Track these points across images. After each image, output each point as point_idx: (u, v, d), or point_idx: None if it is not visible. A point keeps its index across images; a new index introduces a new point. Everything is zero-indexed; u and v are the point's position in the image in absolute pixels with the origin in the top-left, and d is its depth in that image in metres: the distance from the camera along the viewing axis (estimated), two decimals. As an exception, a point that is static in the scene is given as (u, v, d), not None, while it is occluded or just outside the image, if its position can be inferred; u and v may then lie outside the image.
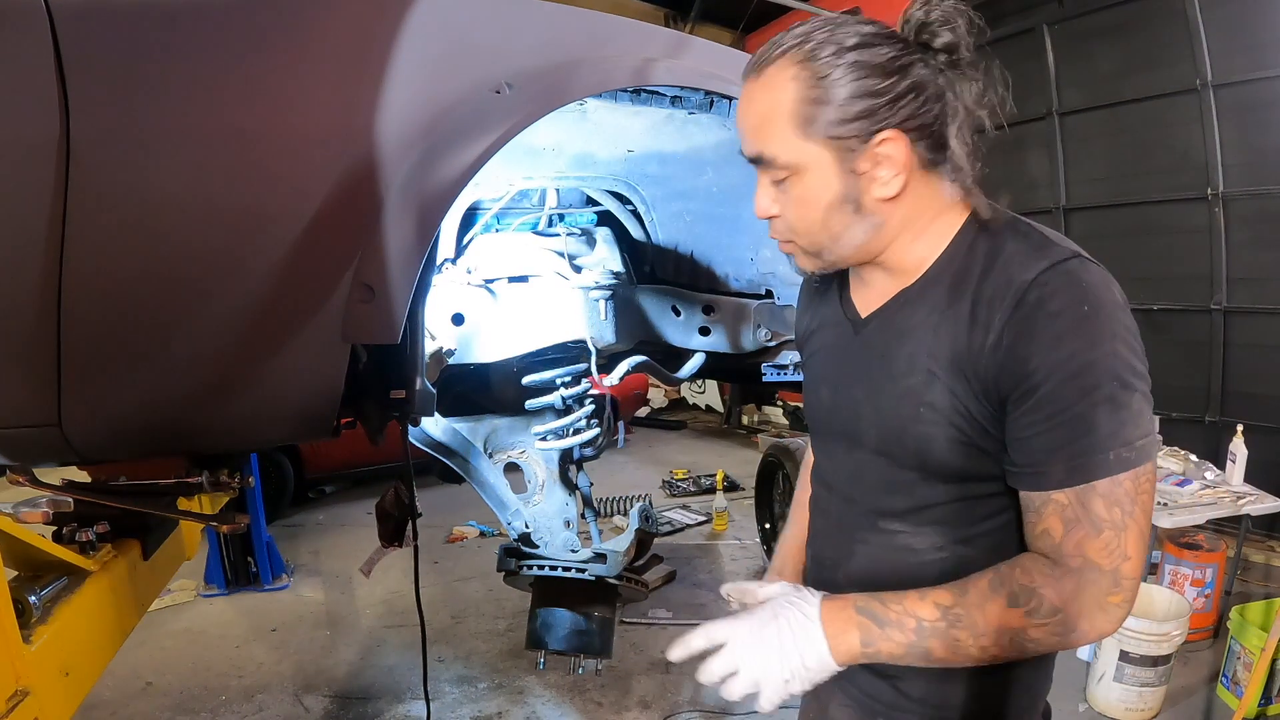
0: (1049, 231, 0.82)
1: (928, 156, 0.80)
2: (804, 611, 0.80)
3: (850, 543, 0.93)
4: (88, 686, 1.01)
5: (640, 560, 1.71)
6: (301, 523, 5.06)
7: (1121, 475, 0.73)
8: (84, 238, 0.86)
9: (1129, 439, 0.73)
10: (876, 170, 0.79)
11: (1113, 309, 0.75)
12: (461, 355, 1.55)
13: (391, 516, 1.40)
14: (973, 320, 0.78)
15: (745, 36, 6.86)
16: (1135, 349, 0.75)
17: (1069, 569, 0.75)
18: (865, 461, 0.90)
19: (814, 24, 0.80)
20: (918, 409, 0.82)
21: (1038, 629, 0.76)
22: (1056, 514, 0.76)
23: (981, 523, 0.85)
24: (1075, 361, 0.73)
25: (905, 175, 0.80)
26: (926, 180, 0.82)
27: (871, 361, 0.88)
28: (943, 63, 0.79)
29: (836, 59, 0.77)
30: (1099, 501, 0.74)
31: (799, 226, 0.85)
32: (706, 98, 1.31)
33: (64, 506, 1.12)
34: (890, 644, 0.78)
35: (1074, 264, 0.76)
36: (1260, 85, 3.82)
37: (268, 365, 1.02)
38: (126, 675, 3.08)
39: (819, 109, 0.77)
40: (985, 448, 0.80)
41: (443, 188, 1.01)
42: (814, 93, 0.77)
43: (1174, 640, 2.61)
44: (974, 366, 0.78)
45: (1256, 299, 3.99)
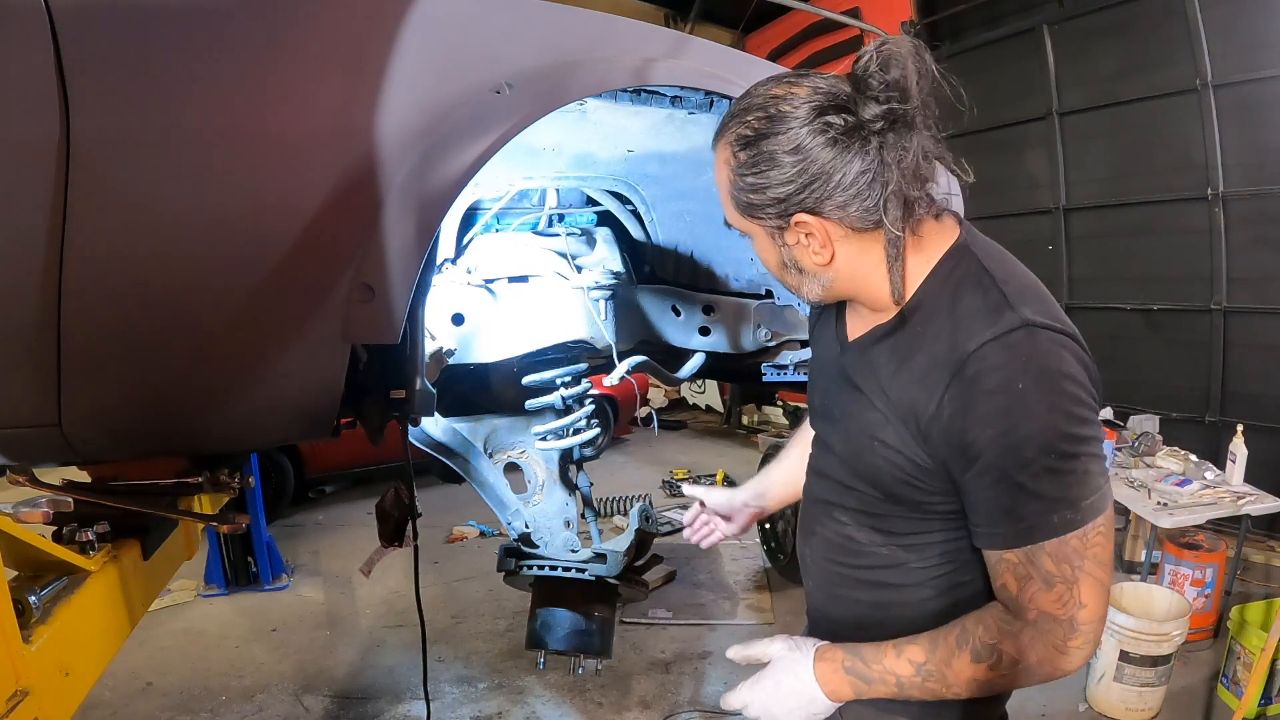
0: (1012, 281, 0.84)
1: (858, 222, 0.83)
2: (802, 679, 0.92)
3: (813, 525, 1.05)
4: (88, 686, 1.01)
5: (640, 560, 1.71)
6: (301, 523, 5.06)
7: (1068, 535, 0.78)
8: (84, 238, 0.86)
9: (1072, 501, 0.77)
10: (804, 243, 0.86)
11: (1054, 379, 0.77)
12: (461, 355, 1.55)
13: (391, 516, 1.40)
14: (922, 380, 0.83)
15: (745, 36, 6.86)
16: (1077, 414, 0.77)
17: (1026, 622, 0.81)
18: (833, 464, 0.99)
19: (758, 97, 0.84)
20: (872, 442, 0.89)
21: (1000, 677, 0.83)
22: (1009, 571, 0.81)
23: (923, 535, 0.91)
24: (1010, 438, 0.76)
25: (830, 243, 0.85)
26: (865, 238, 0.85)
27: (846, 387, 0.95)
28: (874, 127, 0.79)
29: (756, 151, 0.82)
30: (1047, 560, 0.79)
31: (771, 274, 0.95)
32: (706, 98, 1.31)
33: (64, 506, 1.12)
34: (878, 694, 0.89)
35: (1018, 335, 0.78)
36: (1260, 85, 3.82)
37: (268, 365, 1.02)
38: (126, 675, 3.08)
39: (742, 194, 0.85)
40: (930, 487, 0.86)
41: (443, 188, 1.01)
42: (737, 180, 0.85)
43: (1174, 640, 2.61)
44: (919, 424, 0.83)
45: (1256, 299, 3.99)
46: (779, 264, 0.90)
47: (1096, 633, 0.80)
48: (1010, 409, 0.76)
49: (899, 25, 5.56)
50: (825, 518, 1.02)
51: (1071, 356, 0.79)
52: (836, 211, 0.82)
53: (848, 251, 0.86)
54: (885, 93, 0.78)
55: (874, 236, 0.84)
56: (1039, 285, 0.86)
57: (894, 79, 0.78)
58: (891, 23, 5.60)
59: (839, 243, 0.85)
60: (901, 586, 0.95)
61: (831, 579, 1.03)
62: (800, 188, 0.81)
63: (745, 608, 3.67)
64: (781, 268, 0.91)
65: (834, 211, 0.82)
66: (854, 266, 0.87)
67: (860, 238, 0.85)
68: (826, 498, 1.01)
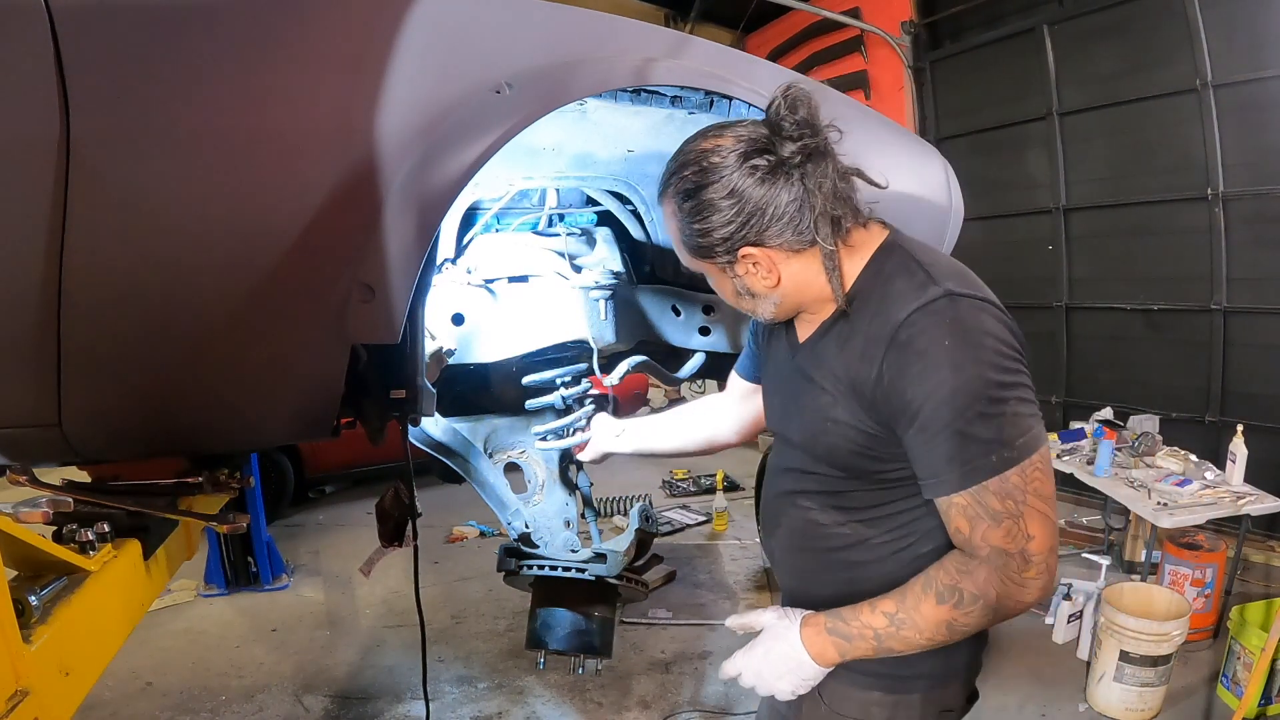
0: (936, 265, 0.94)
1: (795, 244, 0.94)
2: (790, 643, 0.99)
3: (777, 518, 1.14)
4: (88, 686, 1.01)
5: (640, 560, 1.71)
6: (301, 523, 5.07)
7: (1008, 472, 0.86)
8: (84, 237, 0.86)
9: (1008, 441, 0.86)
10: (752, 271, 0.97)
11: (976, 335, 0.87)
12: (461, 355, 1.55)
13: (391, 516, 1.40)
14: (862, 355, 0.93)
15: (745, 36, 6.86)
16: (1000, 364, 0.87)
17: (980, 559, 0.89)
18: (792, 456, 1.09)
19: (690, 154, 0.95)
20: (825, 423, 0.99)
21: (966, 615, 0.90)
22: (960, 514, 0.89)
23: (881, 507, 1.01)
24: (943, 389, 0.85)
25: (775, 268, 0.96)
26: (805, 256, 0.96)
27: (802, 382, 1.04)
28: (794, 162, 0.91)
29: (697, 200, 0.93)
30: (992, 498, 0.86)
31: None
32: (706, 97, 1.31)
33: (64, 506, 1.12)
34: (860, 650, 0.96)
35: (940, 303, 0.88)
36: (1260, 85, 3.82)
37: (268, 365, 1.02)
38: (126, 675, 3.08)
39: (691, 239, 0.97)
40: (881, 454, 0.95)
41: (443, 188, 1.01)
42: (685, 228, 0.97)
43: (1174, 640, 2.61)
44: (864, 394, 0.93)
45: (1256, 299, 3.99)
46: (734, 293, 1.02)
47: (1049, 564, 0.88)
48: (940, 364, 0.86)
49: (899, 25, 5.57)
50: (789, 507, 1.11)
51: (991, 318, 0.89)
52: (775, 239, 0.93)
53: (791, 270, 0.97)
54: (798, 130, 0.90)
55: (811, 253, 0.96)
56: (963, 268, 0.96)
57: (802, 118, 0.90)
58: (891, 23, 5.60)
59: (782, 265, 0.96)
60: (866, 563, 1.03)
61: (800, 566, 1.12)
62: (741, 225, 0.92)
63: (745, 608, 3.65)
64: (736, 296, 1.02)
65: (773, 239, 0.93)
66: (798, 282, 0.98)
67: (800, 256, 0.96)
68: (787, 488, 1.11)
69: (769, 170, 0.91)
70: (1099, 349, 4.76)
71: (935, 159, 1.88)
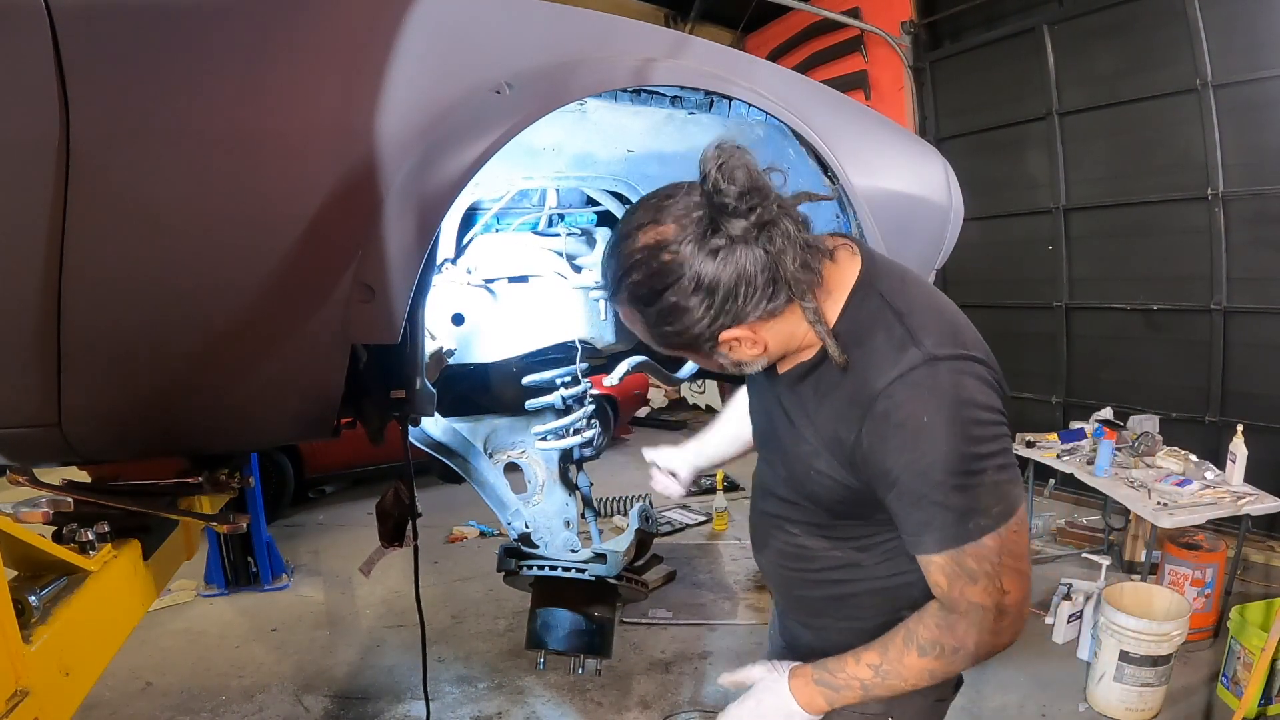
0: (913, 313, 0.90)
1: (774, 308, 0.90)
2: (780, 694, 1.01)
3: (766, 535, 1.14)
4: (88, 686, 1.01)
5: (640, 560, 1.71)
6: (301, 523, 5.07)
7: (984, 538, 0.87)
8: (84, 238, 0.85)
9: (985, 509, 0.86)
10: (736, 348, 0.93)
11: (954, 408, 0.85)
12: (461, 355, 1.55)
13: (391, 516, 1.40)
14: (841, 416, 0.92)
15: (745, 36, 6.86)
16: (978, 435, 0.86)
17: (959, 614, 0.91)
18: (778, 484, 1.09)
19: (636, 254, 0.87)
20: (809, 470, 0.99)
21: (948, 665, 0.93)
22: (939, 571, 0.90)
23: (870, 537, 1.02)
24: (921, 463, 0.85)
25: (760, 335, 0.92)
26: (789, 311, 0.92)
27: (781, 416, 1.04)
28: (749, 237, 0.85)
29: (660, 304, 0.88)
30: (969, 559, 0.88)
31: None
32: (706, 98, 1.31)
33: (64, 506, 1.12)
34: (847, 699, 0.99)
35: (920, 373, 0.86)
36: (1260, 85, 3.82)
37: (268, 365, 1.02)
38: (126, 675, 3.08)
39: (665, 339, 0.93)
40: (866, 501, 0.95)
41: (443, 188, 1.01)
42: (656, 331, 0.92)
43: (1174, 640, 2.61)
44: (845, 454, 0.93)
45: (1256, 299, 3.99)
46: (720, 368, 0.99)
47: (1022, 610, 0.91)
48: (918, 440, 0.85)
49: (899, 25, 5.57)
50: (777, 530, 1.11)
51: (971, 381, 0.87)
52: (754, 313, 0.89)
53: (775, 332, 0.93)
54: (744, 202, 0.83)
55: (792, 309, 0.91)
56: (941, 310, 0.94)
57: (744, 186, 0.83)
58: (891, 22, 5.60)
59: (766, 332, 0.92)
60: (857, 581, 1.05)
61: (790, 582, 1.14)
62: (717, 314, 0.88)
63: (745, 608, 3.67)
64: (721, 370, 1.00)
65: (752, 314, 0.89)
66: (783, 338, 0.95)
67: (781, 317, 0.92)
68: (774, 512, 1.11)
69: (728, 248, 0.85)
70: (1099, 349, 4.76)
71: (935, 159, 1.88)
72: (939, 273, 1.97)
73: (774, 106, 1.31)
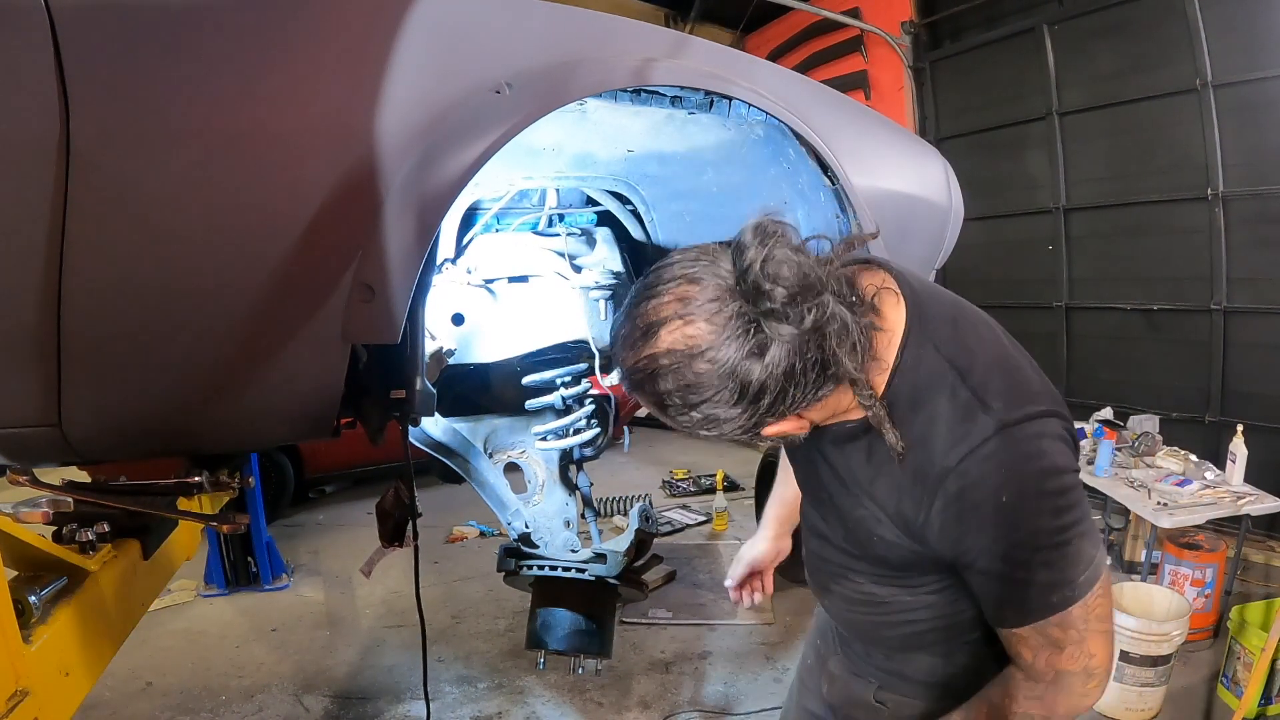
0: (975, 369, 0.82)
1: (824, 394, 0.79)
2: None
3: (828, 583, 1.07)
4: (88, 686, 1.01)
5: (640, 560, 1.71)
6: (301, 523, 5.06)
7: (1071, 607, 0.81)
8: (84, 237, 0.85)
9: (1070, 580, 0.81)
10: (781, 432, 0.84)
11: (1035, 481, 0.79)
12: (461, 355, 1.55)
13: (391, 516, 1.40)
14: (906, 491, 0.84)
15: (745, 36, 6.86)
16: (1062, 505, 0.80)
17: (1046, 683, 0.86)
18: (835, 537, 1.01)
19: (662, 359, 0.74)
20: (872, 537, 0.92)
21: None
22: (1022, 643, 0.85)
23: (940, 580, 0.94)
24: (1002, 544, 0.80)
25: (806, 417, 0.84)
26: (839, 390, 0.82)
27: (829, 475, 0.96)
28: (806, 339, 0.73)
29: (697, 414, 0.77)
30: (1055, 629, 0.82)
31: None
32: (706, 98, 1.31)
33: (64, 506, 1.12)
34: None
35: (993, 445, 0.78)
36: (1260, 85, 3.82)
37: (268, 365, 1.02)
38: (126, 675, 3.08)
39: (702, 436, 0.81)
40: (942, 563, 0.88)
41: (443, 188, 1.00)
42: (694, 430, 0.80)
43: (1174, 640, 2.61)
44: (910, 530, 0.86)
45: (1256, 299, 3.99)
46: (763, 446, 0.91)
47: (1109, 670, 0.86)
48: (998, 521, 0.79)
49: (899, 25, 5.57)
50: (840, 579, 1.04)
51: (1049, 443, 0.80)
52: (801, 405, 0.78)
53: (822, 408, 0.84)
54: (794, 307, 0.72)
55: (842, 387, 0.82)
56: (1003, 359, 0.85)
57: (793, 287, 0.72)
58: (891, 22, 5.60)
59: (812, 414, 0.84)
60: (931, 620, 0.98)
61: (862, 626, 1.08)
62: (762, 417, 0.77)
63: (745, 608, 3.67)
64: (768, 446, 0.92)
65: (799, 407, 0.78)
66: (830, 410, 0.87)
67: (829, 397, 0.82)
68: (839, 562, 1.03)
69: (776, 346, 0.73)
70: (1099, 349, 4.76)
71: (935, 159, 1.88)
72: (939, 273, 1.97)
73: (774, 106, 1.31)
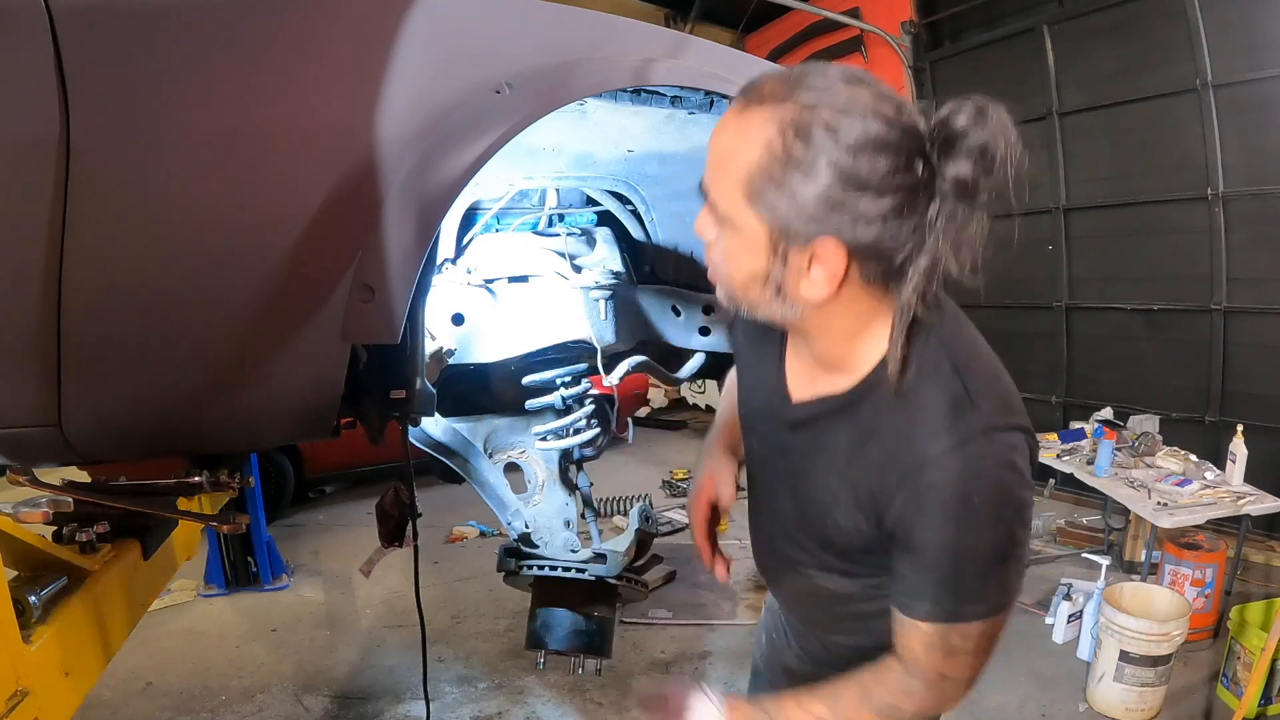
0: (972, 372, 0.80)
1: (874, 275, 0.76)
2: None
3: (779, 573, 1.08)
4: (88, 686, 1.01)
5: (640, 560, 1.71)
6: (301, 523, 5.06)
7: (978, 622, 0.82)
8: (84, 237, 0.86)
9: (992, 601, 0.82)
10: (808, 268, 0.74)
11: (1006, 492, 0.78)
12: (461, 355, 1.55)
13: (392, 516, 1.40)
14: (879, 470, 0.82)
15: (745, 36, 6.86)
16: (1019, 525, 0.81)
17: (925, 682, 0.86)
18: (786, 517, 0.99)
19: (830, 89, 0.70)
20: (825, 520, 0.91)
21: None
22: (919, 638, 0.84)
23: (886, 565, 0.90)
24: (957, 544, 0.79)
25: (838, 284, 0.75)
26: (866, 292, 0.78)
27: (794, 458, 0.94)
28: (948, 189, 0.70)
29: (819, 150, 0.69)
30: (955, 636, 0.83)
31: (722, 273, 0.83)
32: (706, 98, 1.31)
33: (64, 506, 1.12)
34: None
35: (976, 447, 0.77)
36: (1260, 85, 3.82)
37: (268, 365, 1.02)
38: (126, 675, 3.07)
39: (774, 189, 0.71)
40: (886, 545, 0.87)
41: (443, 188, 1.01)
42: (777, 171, 0.70)
43: (1174, 640, 2.61)
44: (874, 512, 0.84)
45: (1256, 299, 3.99)
46: (759, 274, 0.77)
47: (975, 682, 0.88)
48: (960, 522, 0.78)
49: (899, 25, 5.57)
50: (790, 572, 1.04)
51: (1021, 460, 0.80)
52: (862, 254, 0.72)
53: (843, 299, 0.77)
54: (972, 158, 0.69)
55: (874, 296, 0.78)
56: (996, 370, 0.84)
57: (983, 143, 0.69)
58: (891, 22, 5.60)
59: (847, 284, 0.75)
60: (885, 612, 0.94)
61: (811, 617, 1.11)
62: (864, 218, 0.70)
63: (745, 608, 3.67)
64: (756, 279, 0.77)
65: (860, 253, 0.72)
66: (836, 317, 0.80)
67: (867, 289, 0.77)
68: (786, 553, 1.02)
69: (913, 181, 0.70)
70: (1099, 349, 4.76)
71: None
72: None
73: (774, 106, 1.30)
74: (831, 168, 0.69)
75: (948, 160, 0.70)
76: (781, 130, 0.70)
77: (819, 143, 0.69)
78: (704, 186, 0.79)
